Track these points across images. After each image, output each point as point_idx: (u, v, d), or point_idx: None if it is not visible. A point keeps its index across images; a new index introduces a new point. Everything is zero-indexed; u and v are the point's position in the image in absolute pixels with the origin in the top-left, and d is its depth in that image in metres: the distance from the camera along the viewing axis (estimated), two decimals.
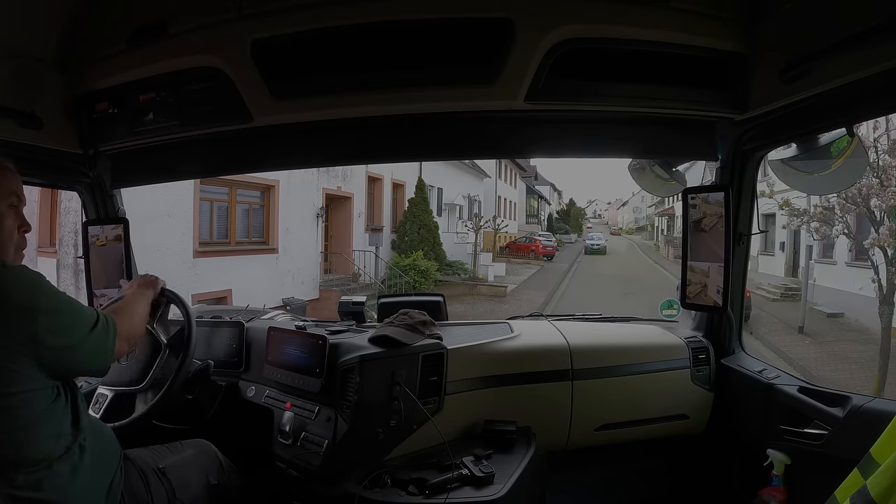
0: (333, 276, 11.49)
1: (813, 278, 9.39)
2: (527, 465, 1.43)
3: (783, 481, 1.54)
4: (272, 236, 9.99)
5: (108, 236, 1.93)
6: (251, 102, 1.45)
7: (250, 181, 9.48)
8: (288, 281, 9.96)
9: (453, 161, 15.82)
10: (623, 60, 1.37)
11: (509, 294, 13.84)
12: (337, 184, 11.54)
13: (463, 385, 1.58)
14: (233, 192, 9.45)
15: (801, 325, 8.63)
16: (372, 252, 12.30)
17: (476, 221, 16.56)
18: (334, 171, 11.30)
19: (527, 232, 26.55)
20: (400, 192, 14.39)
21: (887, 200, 5.62)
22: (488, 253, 17.09)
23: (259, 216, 9.97)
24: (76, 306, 1.07)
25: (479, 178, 20.49)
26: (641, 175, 1.92)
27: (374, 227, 12.97)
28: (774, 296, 10.81)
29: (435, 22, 1.33)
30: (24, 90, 1.45)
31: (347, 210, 11.91)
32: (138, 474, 1.22)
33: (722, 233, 1.65)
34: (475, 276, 14.92)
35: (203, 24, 1.42)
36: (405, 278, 11.84)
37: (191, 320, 1.52)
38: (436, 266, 13.10)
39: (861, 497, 0.89)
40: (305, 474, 1.45)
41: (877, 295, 5.97)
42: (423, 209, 13.78)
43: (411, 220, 13.55)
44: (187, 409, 1.59)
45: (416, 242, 13.18)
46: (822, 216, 6.93)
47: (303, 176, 10.41)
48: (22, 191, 1.13)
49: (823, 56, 1.15)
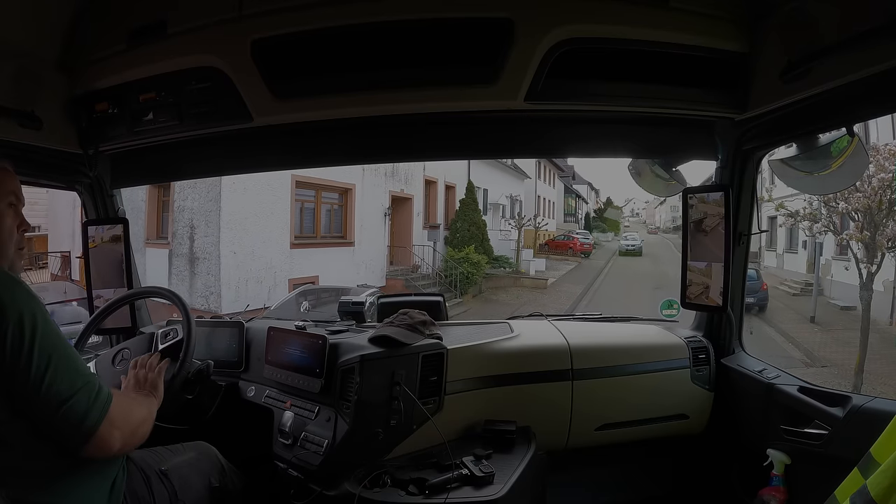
0: (397, 267, 12.95)
1: (830, 274, 9.95)
2: (527, 465, 1.43)
3: (783, 481, 1.54)
4: (349, 231, 11.61)
5: (103, 237, 1.93)
6: (251, 102, 1.45)
7: (331, 185, 11.07)
8: (362, 270, 11.49)
9: (497, 164, 17.42)
10: (623, 60, 1.37)
11: (550, 287, 14.92)
12: (400, 186, 13.07)
13: (463, 385, 1.58)
14: (318, 194, 10.98)
15: (812, 315, 9.40)
16: (428, 246, 13.87)
17: (518, 220, 17.55)
18: (398, 175, 12.84)
19: (565, 230, 27.17)
20: (451, 194, 15.92)
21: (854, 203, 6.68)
22: (529, 249, 17.98)
23: (339, 214, 11.64)
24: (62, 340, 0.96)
25: (520, 179, 21.36)
26: (641, 175, 1.92)
27: (433, 225, 14.58)
28: (795, 290, 11.40)
29: (435, 22, 1.33)
30: (23, 90, 1.45)
31: (408, 209, 13.45)
32: (140, 476, 1.22)
33: (722, 233, 1.65)
34: (518, 269, 16.06)
35: (203, 24, 1.42)
36: (459, 269, 13.18)
37: (190, 322, 1.52)
38: (485, 259, 14.40)
39: (861, 497, 0.89)
40: (305, 474, 1.45)
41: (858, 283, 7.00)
42: (472, 208, 15.33)
43: (462, 218, 15.09)
44: (187, 409, 1.59)
45: (468, 238, 14.60)
46: (811, 216, 8.01)
47: (373, 180, 12.01)
48: (20, 190, 1.13)
49: (824, 56, 1.15)
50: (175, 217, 9.35)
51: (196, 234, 9.30)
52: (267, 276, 9.63)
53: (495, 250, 16.08)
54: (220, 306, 8.84)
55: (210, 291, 9.17)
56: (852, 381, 6.28)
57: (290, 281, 9.65)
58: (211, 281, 9.16)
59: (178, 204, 9.36)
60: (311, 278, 9.95)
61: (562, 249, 22.37)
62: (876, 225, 6.61)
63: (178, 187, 9.39)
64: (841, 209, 7.06)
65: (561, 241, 23.55)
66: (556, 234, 25.01)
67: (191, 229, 9.22)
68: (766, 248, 13.95)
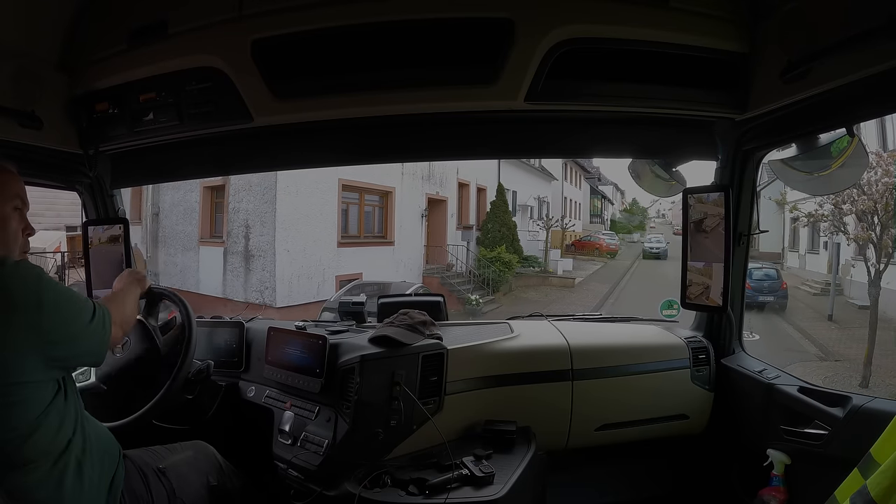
0: (433, 266, 13.69)
1: (850, 275, 10.19)
2: (527, 465, 1.43)
3: (783, 481, 1.54)
4: (389, 231, 12.43)
5: (100, 238, 1.92)
6: (251, 102, 1.45)
7: (373, 188, 11.87)
8: (401, 268, 12.24)
9: (525, 165, 18.03)
10: (623, 60, 1.37)
11: (577, 285, 15.54)
12: (436, 189, 13.85)
13: (463, 385, 1.58)
14: (361, 196, 11.81)
15: (829, 313, 9.88)
16: (462, 246, 14.64)
17: (546, 221, 18.15)
18: (434, 178, 13.59)
19: (590, 231, 27.45)
20: (482, 196, 16.55)
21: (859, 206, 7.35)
22: (557, 249, 18.45)
23: (380, 216, 12.46)
24: (76, 297, 1.08)
25: (547, 180, 21.72)
26: (641, 175, 1.92)
27: (466, 226, 15.31)
28: (815, 290, 11.65)
29: (435, 22, 1.33)
30: (24, 90, 1.45)
31: (443, 211, 14.25)
32: (138, 474, 1.22)
33: (722, 233, 1.65)
34: (546, 269, 16.62)
35: (203, 24, 1.42)
36: (492, 268, 13.80)
37: (191, 320, 1.52)
38: (516, 258, 14.95)
39: (861, 497, 0.89)
40: (305, 474, 1.45)
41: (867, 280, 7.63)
42: (503, 210, 15.79)
43: (493, 219, 15.60)
44: (187, 409, 1.59)
45: (499, 239, 15.08)
46: (822, 218, 8.76)
47: (411, 183, 12.79)
48: (25, 193, 1.13)
49: (824, 56, 1.15)
50: (230, 217, 10.28)
51: (251, 233, 10.14)
52: (316, 272, 10.43)
53: (524, 250, 16.60)
54: (275, 300, 9.63)
55: (265, 286, 9.93)
56: (861, 373, 6.73)
57: (336, 277, 10.61)
58: (266, 277, 9.94)
59: (232, 206, 10.27)
60: (356, 275, 10.78)
61: (588, 250, 22.70)
62: (883, 226, 7.14)
63: (234, 190, 10.27)
64: (845, 210, 7.69)
65: (587, 241, 23.89)
66: (582, 234, 25.40)
67: (246, 229, 10.12)
68: (788, 249, 14.23)
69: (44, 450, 1.00)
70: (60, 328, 1.02)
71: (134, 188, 11.71)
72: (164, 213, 11.60)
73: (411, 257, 12.89)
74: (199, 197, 10.86)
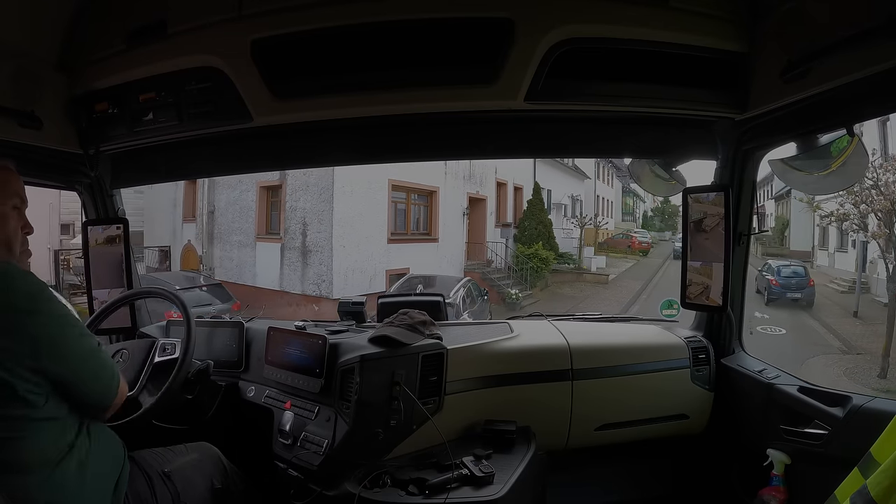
0: (473, 262, 14.37)
1: (877, 273, 10.40)
2: (527, 465, 1.43)
3: (783, 481, 1.54)
4: (434, 229, 13.17)
5: (98, 239, 1.92)
6: (251, 102, 1.45)
7: (420, 188, 12.49)
8: (444, 263, 12.89)
9: (559, 165, 18.56)
10: (623, 60, 1.37)
11: (610, 282, 15.90)
12: (476, 188, 14.47)
13: (463, 385, 1.58)
14: (408, 196, 12.46)
15: (855, 310, 10.22)
16: (501, 243, 15.23)
17: (580, 219, 18.58)
18: (475, 177, 14.22)
19: (623, 229, 27.55)
20: (519, 195, 17.07)
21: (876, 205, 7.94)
22: (590, 247, 18.85)
23: (425, 214, 13.22)
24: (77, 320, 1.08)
25: (580, 179, 22.02)
26: (641, 175, 1.92)
27: (505, 223, 15.97)
28: (843, 288, 11.78)
29: (435, 22, 1.33)
30: (24, 90, 1.45)
31: (482, 209, 14.82)
32: (143, 477, 1.22)
33: (722, 233, 1.65)
34: (580, 266, 17.01)
35: (203, 24, 1.42)
36: (529, 264, 14.41)
37: (190, 322, 1.52)
38: (553, 255, 15.47)
39: (861, 497, 0.89)
40: (305, 474, 1.45)
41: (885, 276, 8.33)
42: (539, 208, 16.37)
43: (530, 217, 16.12)
44: (187, 409, 1.59)
45: (535, 236, 15.57)
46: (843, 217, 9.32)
47: (453, 183, 13.47)
48: (24, 192, 1.13)
49: (824, 56, 1.15)
50: (287, 215, 11.04)
51: (309, 230, 10.89)
52: (368, 266, 11.15)
53: (559, 248, 17.09)
54: (332, 292, 10.28)
55: (322, 280, 10.73)
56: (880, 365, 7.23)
57: (386, 272, 11.37)
58: (323, 271, 10.76)
59: (290, 204, 11.02)
60: (404, 269, 11.51)
61: (621, 247, 22.83)
62: None
63: (290, 190, 10.98)
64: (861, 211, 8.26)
65: (620, 239, 24.06)
66: (614, 232, 25.62)
67: (303, 226, 10.88)
68: (818, 248, 14.38)
69: (46, 454, 0.99)
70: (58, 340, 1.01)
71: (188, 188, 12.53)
72: (220, 211, 12.24)
73: (453, 253, 13.66)
74: (256, 196, 11.62)
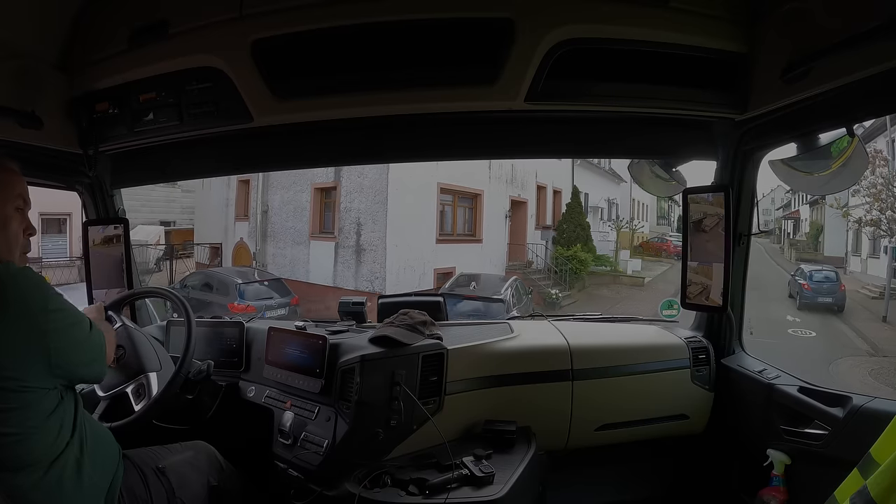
0: (514, 262, 14.76)
1: None
2: (527, 465, 1.43)
3: (783, 481, 1.54)
4: (478, 230, 13.66)
5: (95, 239, 1.92)
6: (251, 102, 1.45)
7: (465, 191, 12.95)
8: (487, 263, 13.22)
9: (595, 168, 18.93)
10: (623, 60, 1.37)
11: (646, 285, 16.02)
12: (517, 192, 14.89)
13: (463, 385, 1.58)
14: (455, 198, 12.98)
15: (884, 315, 10.55)
16: (541, 245, 15.68)
17: (616, 222, 18.98)
18: (516, 181, 14.66)
19: (658, 232, 27.64)
20: (558, 198, 17.53)
21: None
22: (626, 250, 18.99)
23: (470, 216, 13.71)
24: (74, 308, 1.08)
25: (616, 182, 22.07)
26: (641, 175, 1.92)
27: (545, 226, 16.39)
28: (874, 294, 11.98)
29: (435, 22, 1.33)
30: (24, 90, 1.45)
31: (524, 212, 15.26)
32: (137, 473, 1.22)
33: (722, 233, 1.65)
34: (617, 268, 17.30)
35: (203, 24, 1.42)
36: (568, 265, 14.79)
37: (190, 322, 1.52)
38: (591, 257, 15.71)
39: (861, 497, 0.89)
40: (305, 474, 1.45)
41: None
42: (578, 211, 16.62)
43: (568, 220, 16.39)
44: (187, 409, 1.59)
45: (574, 238, 15.87)
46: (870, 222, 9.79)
47: (496, 187, 13.86)
48: (27, 193, 1.13)
49: (824, 56, 1.15)
50: (341, 216, 11.66)
51: (363, 229, 11.44)
52: (418, 265, 11.70)
53: (597, 250, 17.42)
54: (385, 289, 10.82)
55: (375, 277, 11.29)
56: None
57: (434, 270, 11.95)
58: (377, 268, 11.33)
59: (344, 205, 11.61)
60: (451, 268, 12.17)
61: (656, 251, 22.96)
62: None
63: (345, 191, 11.53)
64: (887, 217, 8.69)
65: (655, 242, 24.16)
66: (649, 236, 25.79)
67: (357, 226, 11.45)
68: (852, 254, 14.60)
69: (42, 452, 1.00)
70: (63, 336, 1.02)
71: (240, 188, 13.29)
72: (273, 210, 12.71)
73: (496, 254, 14.17)
74: (310, 196, 12.18)
